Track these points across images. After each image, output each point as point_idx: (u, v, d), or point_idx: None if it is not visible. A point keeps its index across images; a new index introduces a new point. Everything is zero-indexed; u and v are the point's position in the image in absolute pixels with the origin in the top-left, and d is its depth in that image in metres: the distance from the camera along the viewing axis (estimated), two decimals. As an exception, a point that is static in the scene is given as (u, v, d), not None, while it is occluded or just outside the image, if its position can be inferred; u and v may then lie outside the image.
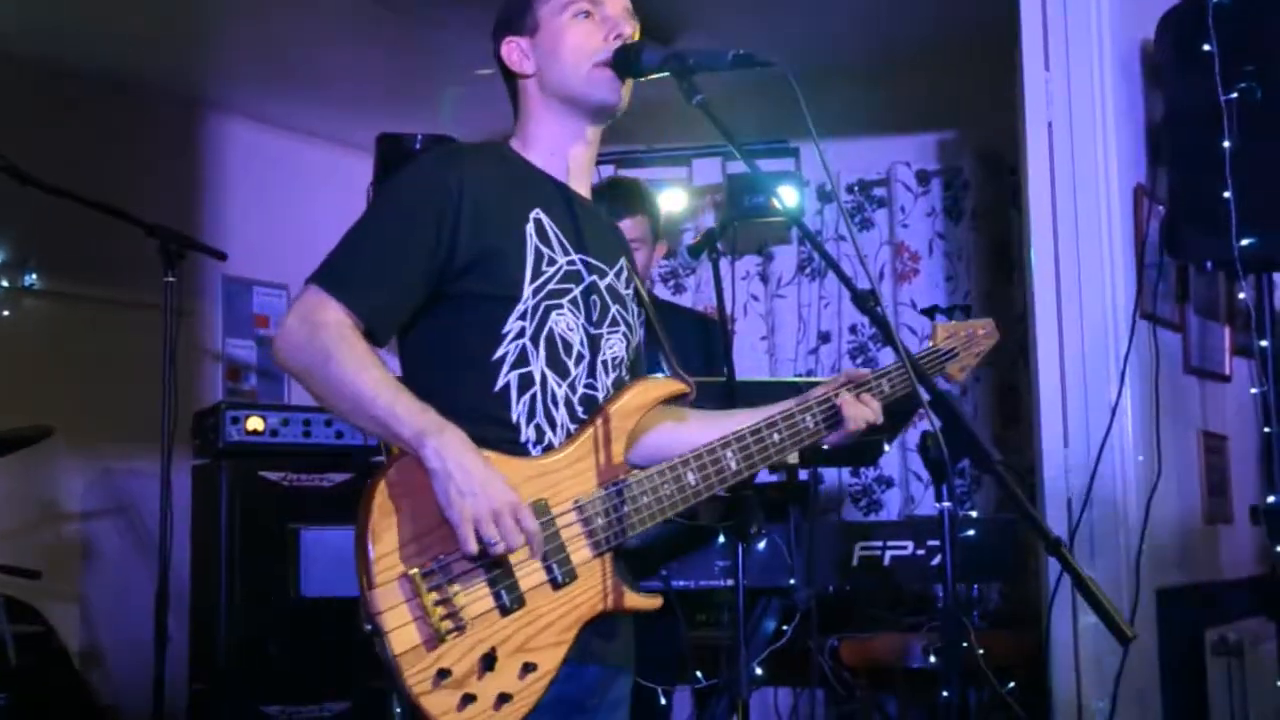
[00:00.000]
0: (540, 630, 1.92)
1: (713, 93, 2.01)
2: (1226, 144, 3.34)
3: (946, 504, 1.90)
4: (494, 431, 1.98)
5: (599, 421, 2.04)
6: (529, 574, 1.93)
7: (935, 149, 5.06)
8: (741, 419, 2.18)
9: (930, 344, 2.46)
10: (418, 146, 4.45)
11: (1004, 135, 4.25)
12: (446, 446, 1.85)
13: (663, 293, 5.18)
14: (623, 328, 2.15)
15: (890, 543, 3.23)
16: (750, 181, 4.68)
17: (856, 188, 5.07)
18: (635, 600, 2.02)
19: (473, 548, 1.84)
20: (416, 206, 2.01)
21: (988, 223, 4.83)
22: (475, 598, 1.89)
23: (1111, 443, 3.41)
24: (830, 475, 4.76)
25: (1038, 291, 3.58)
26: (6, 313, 4.70)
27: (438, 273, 2.00)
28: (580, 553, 1.97)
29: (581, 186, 2.18)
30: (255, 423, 4.38)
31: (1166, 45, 3.60)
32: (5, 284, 4.70)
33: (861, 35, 4.69)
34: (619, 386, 2.12)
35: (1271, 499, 3.38)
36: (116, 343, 4.74)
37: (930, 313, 2.81)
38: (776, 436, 2.15)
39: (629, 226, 3.61)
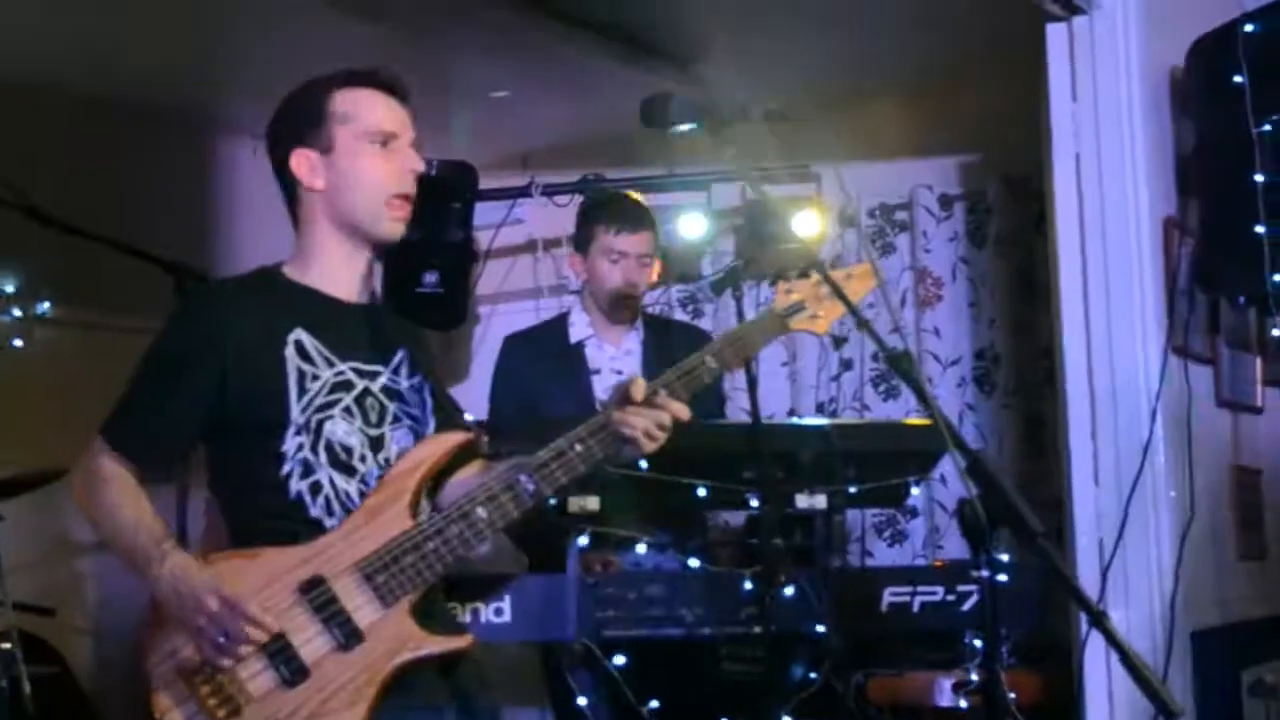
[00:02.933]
0: (332, 695, 1.99)
1: (734, 121, 2.00)
2: (1259, 177, 3.28)
3: (985, 573, 1.85)
4: (302, 530, 2.10)
5: (376, 490, 2.13)
6: (310, 642, 2.01)
7: (958, 172, 4.98)
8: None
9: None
10: (432, 172, 4.39)
11: (1029, 159, 4.18)
12: (163, 578, 2.03)
13: (681, 318, 5.10)
14: (406, 423, 2.21)
15: (920, 588, 3.18)
16: (769, 208, 4.61)
17: (878, 212, 5.00)
18: (439, 644, 2.09)
19: (206, 655, 2.00)
20: (183, 358, 2.18)
21: (1012, 248, 4.75)
22: (253, 675, 2.00)
23: (1144, 481, 3.35)
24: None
25: (1067, 327, 3.51)
26: (19, 342, 4.64)
27: (211, 410, 2.15)
28: (365, 611, 2.04)
29: (357, 292, 2.25)
30: (270, 454, 4.32)
31: (1196, 75, 3.53)
32: (18, 313, 4.64)
33: (884, 58, 4.62)
34: None
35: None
36: (130, 370, 4.68)
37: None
38: (580, 448, 2.15)
39: (642, 240, 3.64)
